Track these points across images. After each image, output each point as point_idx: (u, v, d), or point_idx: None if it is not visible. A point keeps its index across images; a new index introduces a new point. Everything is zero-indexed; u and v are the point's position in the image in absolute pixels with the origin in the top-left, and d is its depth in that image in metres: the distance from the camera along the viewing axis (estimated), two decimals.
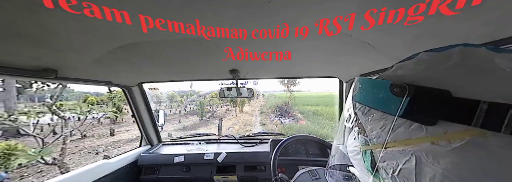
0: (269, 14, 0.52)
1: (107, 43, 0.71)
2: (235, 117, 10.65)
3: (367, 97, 0.30)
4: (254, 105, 16.70)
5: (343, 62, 1.10)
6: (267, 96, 25.58)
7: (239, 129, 8.16)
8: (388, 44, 0.72)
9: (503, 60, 0.20)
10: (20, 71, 0.77)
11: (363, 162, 0.32)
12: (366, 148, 0.30)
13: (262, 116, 11.05)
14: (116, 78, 1.29)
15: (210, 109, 12.43)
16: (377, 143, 0.28)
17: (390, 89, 0.25)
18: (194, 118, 11.11)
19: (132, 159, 1.56)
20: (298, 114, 11.43)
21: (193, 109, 13.33)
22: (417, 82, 0.23)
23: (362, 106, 0.31)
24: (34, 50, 0.67)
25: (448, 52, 0.24)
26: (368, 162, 0.30)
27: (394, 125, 0.25)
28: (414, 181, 0.23)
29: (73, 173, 1.16)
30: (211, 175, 1.52)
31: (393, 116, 0.25)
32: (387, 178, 0.27)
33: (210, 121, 10.19)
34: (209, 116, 10.86)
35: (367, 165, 0.30)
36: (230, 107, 13.01)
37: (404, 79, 0.25)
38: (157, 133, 1.86)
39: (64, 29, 0.57)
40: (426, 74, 0.24)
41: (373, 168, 0.29)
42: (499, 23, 0.47)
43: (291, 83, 20.49)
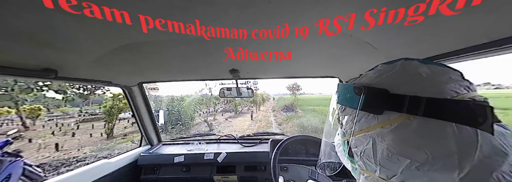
0: (269, 14, 0.52)
1: (107, 43, 0.71)
2: (256, 112, 15.96)
3: (341, 98, 0.40)
4: (268, 106, 22.48)
5: (343, 62, 1.09)
6: (277, 99, 30.89)
7: (261, 118, 12.94)
8: (388, 44, 0.72)
9: (424, 69, 0.30)
10: (20, 71, 0.77)
11: (343, 151, 0.40)
12: (344, 139, 0.39)
13: (274, 112, 16.05)
14: (116, 78, 1.29)
15: (239, 107, 17.49)
16: (350, 133, 0.36)
17: (353, 90, 0.34)
18: (227, 114, 15.28)
19: (132, 159, 1.56)
20: (300, 111, 15.80)
21: (223, 108, 17.90)
22: (371, 85, 0.33)
23: (340, 105, 0.40)
24: (34, 50, 0.67)
25: (394, 64, 0.33)
26: (346, 150, 0.38)
27: (357, 116, 0.34)
28: (372, 157, 0.32)
29: (73, 173, 1.16)
30: (211, 175, 1.52)
31: (356, 109, 0.34)
32: (358, 160, 0.35)
33: (241, 115, 14.78)
34: (239, 112, 16.24)
35: (346, 152, 0.39)
36: (250, 107, 18.39)
37: (364, 83, 0.34)
38: (157, 133, 1.86)
39: (64, 29, 0.57)
40: (376, 80, 0.33)
41: (349, 155, 0.38)
42: (499, 23, 0.47)
43: (295, 88, 26.40)
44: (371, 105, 0.32)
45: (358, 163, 0.36)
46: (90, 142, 8.04)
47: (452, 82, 0.28)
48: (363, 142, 0.33)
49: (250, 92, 1.59)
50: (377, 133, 0.31)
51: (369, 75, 0.35)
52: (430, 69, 0.29)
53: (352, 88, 0.35)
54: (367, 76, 0.35)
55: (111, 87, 5.33)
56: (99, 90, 14.23)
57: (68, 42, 0.66)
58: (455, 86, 0.27)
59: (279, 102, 24.76)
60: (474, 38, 0.55)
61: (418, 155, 0.26)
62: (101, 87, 13.34)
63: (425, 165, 0.26)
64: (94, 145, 7.50)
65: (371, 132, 0.31)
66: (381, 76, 0.33)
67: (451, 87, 0.27)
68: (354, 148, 0.36)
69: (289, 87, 27.59)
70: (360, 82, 0.35)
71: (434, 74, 0.29)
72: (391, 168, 0.30)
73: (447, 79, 0.28)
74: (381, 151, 0.30)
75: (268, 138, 1.81)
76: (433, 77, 0.29)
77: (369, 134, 0.32)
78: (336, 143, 0.45)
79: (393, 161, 0.29)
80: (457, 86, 0.27)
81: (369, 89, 0.32)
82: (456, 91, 0.27)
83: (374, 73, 0.35)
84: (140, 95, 1.62)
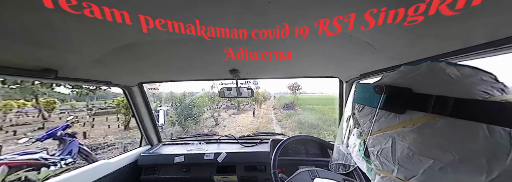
0: (269, 14, 0.52)
1: (107, 43, 0.71)
2: (257, 110, 17.50)
3: (360, 97, 0.39)
4: (269, 104, 24.38)
5: (343, 62, 1.09)
6: (278, 97, 32.88)
7: (263, 115, 14.03)
8: (388, 44, 0.72)
9: (453, 70, 0.28)
10: (20, 71, 0.77)
11: (359, 151, 0.39)
12: (361, 138, 0.38)
13: (274, 110, 17.51)
14: (116, 78, 1.29)
15: (242, 105, 19.24)
16: (368, 132, 0.35)
17: (374, 90, 0.34)
18: (230, 111, 16.83)
19: (132, 159, 1.56)
20: (299, 109, 17.44)
21: (226, 105, 18.98)
22: (393, 85, 0.32)
23: (358, 104, 0.39)
24: (34, 50, 0.67)
25: (419, 66, 0.32)
26: (362, 150, 0.37)
27: (377, 115, 0.33)
28: (390, 156, 0.31)
29: (73, 173, 1.16)
30: (211, 175, 1.52)
31: (375, 108, 0.33)
32: (374, 159, 0.35)
33: (243, 112, 16.40)
34: (241, 109, 17.75)
35: (361, 152, 0.38)
36: (252, 105, 20.29)
37: (386, 83, 0.33)
38: (157, 133, 1.86)
39: (64, 29, 0.57)
40: (399, 80, 0.32)
41: (365, 154, 0.37)
42: (499, 23, 0.47)
43: (295, 88, 29.28)
44: (393, 104, 0.31)
45: (374, 163, 0.35)
46: (110, 132, 9.27)
47: (484, 84, 0.26)
48: (382, 141, 0.32)
49: (250, 92, 1.59)
50: (397, 132, 0.30)
51: (390, 75, 0.35)
52: (460, 71, 0.28)
53: (372, 88, 0.34)
54: (388, 77, 0.35)
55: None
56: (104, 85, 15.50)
57: (68, 42, 0.66)
58: (487, 88, 0.26)
59: (280, 100, 26.10)
60: (474, 38, 0.55)
61: (443, 155, 0.25)
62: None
63: (450, 166, 0.25)
64: (115, 134, 8.60)
65: (391, 131, 0.31)
66: (404, 77, 0.32)
67: (482, 88, 0.26)
68: (371, 147, 0.35)
69: (290, 86, 30.40)
70: (381, 82, 0.34)
71: (464, 76, 0.27)
72: (411, 168, 0.29)
73: (478, 80, 0.26)
74: (401, 150, 0.29)
75: (268, 138, 1.81)
76: (462, 78, 0.27)
77: (388, 133, 0.31)
78: (350, 144, 0.44)
79: (413, 161, 0.28)
80: (489, 88, 0.26)
81: (390, 88, 0.31)
82: (488, 92, 0.25)
83: (396, 74, 0.34)
84: (140, 95, 1.62)
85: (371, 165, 0.36)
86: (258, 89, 24.99)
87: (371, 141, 0.35)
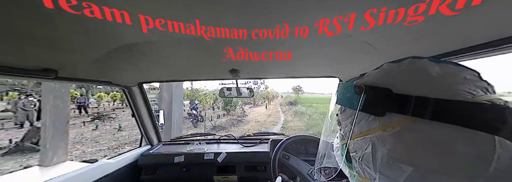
0: (269, 14, 0.52)
1: (107, 43, 0.71)
2: (269, 105, 23.47)
3: (341, 98, 0.37)
4: (277, 102, 29.90)
5: (343, 62, 1.09)
6: (285, 96, 40.43)
7: (272, 108, 20.45)
8: (388, 44, 0.72)
9: (434, 68, 0.26)
10: (20, 71, 0.77)
11: (341, 155, 0.37)
12: (343, 142, 0.36)
13: (281, 106, 22.74)
14: (116, 78, 1.29)
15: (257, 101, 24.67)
16: (348, 136, 0.33)
17: (353, 90, 0.32)
18: (247, 105, 21.88)
19: (132, 159, 1.56)
20: (299, 105, 22.84)
21: (244, 101, 22.75)
22: (373, 84, 0.30)
23: (340, 106, 0.37)
24: (34, 50, 0.67)
25: (400, 63, 0.30)
26: (344, 155, 0.35)
27: (357, 118, 0.31)
28: (371, 162, 0.29)
29: (73, 173, 1.16)
30: (211, 175, 1.52)
31: (356, 110, 0.31)
32: (356, 166, 0.33)
33: (257, 106, 21.85)
34: (256, 104, 22.93)
35: (344, 157, 0.36)
36: (263, 101, 24.75)
37: (367, 83, 0.31)
38: (157, 133, 1.86)
39: (64, 29, 0.57)
40: (380, 79, 0.30)
41: (347, 160, 0.35)
42: (499, 23, 0.47)
43: (298, 89, 35.51)
44: (372, 106, 0.29)
45: (356, 169, 0.33)
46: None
47: (467, 83, 0.24)
48: (362, 146, 0.30)
49: (250, 92, 1.59)
50: (377, 136, 0.28)
51: (372, 74, 0.33)
52: (442, 68, 0.26)
53: (352, 88, 0.32)
54: (370, 75, 0.33)
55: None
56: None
57: (68, 42, 0.66)
58: (470, 88, 0.24)
59: (286, 99, 32.40)
60: (474, 38, 0.55)
61: (423, 163, 0.24)
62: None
63: (430, 174, 0.23)
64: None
65: (371, 135, 0.29)
66: (385, 75, 0.30)
67: (465, 88, 0.24)
68: (352, 152, 0.33)
69: (293, 88, 37.41)
70: (362, 82, 0.32)
71: (446, 74, 0.26)
72: (392, 176, 0.27)
73: (461, 79, 0.25)
74: (381, 157, 0.27)
75: (268, 138, 1.81)
76: (444, 77, 0.25)
77: (368, 138, 0.29)
78: (334, 147, 0.42)
79: (394, 168, 0.26)
80: (472, 87, 0.24)
81: (370, 88, 0.29)
82: (471, 92, 0.24)
83: (378, 72, 0.32)
84: (140, 95, 1.62)
85: (353, 171, 0.34)
86: (267, 89, 31.72)
87: (352, 146, 0.33)
